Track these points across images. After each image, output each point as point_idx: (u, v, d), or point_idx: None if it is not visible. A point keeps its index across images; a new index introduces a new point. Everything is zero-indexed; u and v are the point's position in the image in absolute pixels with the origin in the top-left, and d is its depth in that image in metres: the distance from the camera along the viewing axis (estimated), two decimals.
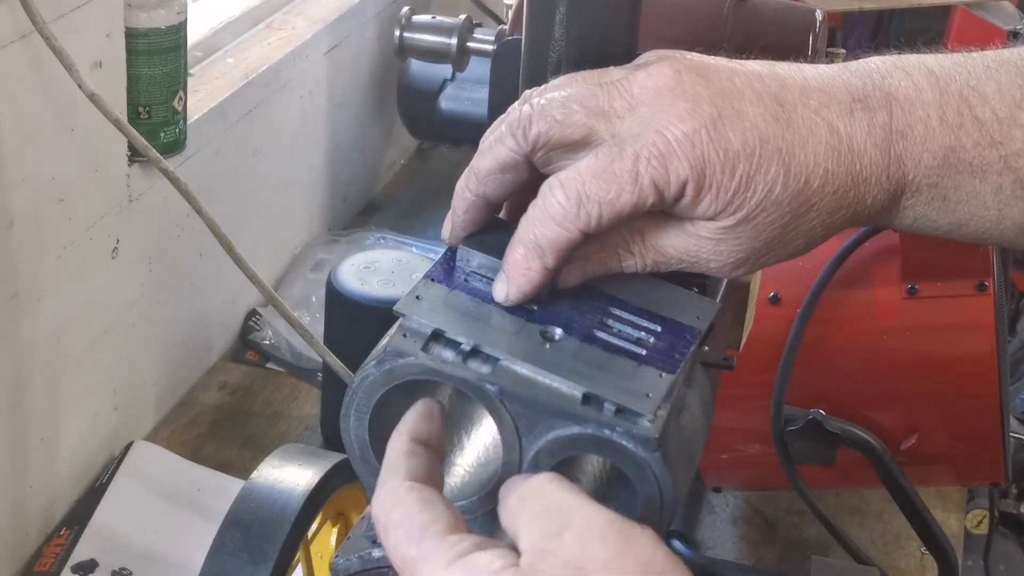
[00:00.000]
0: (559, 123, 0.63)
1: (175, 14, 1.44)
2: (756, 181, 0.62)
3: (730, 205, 0.62)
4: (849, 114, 0.64)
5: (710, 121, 0.62)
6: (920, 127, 0.64)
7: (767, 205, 0.63)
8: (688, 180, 0.62)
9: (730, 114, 0.62)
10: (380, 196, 2.27)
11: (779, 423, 1.29)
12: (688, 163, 0.62)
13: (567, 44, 0.67)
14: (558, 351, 0.61)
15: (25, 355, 1.36)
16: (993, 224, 0.66)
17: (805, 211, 0.64)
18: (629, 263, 0.66)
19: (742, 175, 0.62)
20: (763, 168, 0.62)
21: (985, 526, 1.77)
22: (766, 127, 0.63)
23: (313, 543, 1.04)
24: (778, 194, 0.63)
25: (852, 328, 1.34)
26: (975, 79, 0.65)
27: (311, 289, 1.87)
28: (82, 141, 1.37)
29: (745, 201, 0.62)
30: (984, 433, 1.33)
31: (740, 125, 0.62)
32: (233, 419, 1.69)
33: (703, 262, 0.65)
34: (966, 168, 0.64)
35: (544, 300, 0.64)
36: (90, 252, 1.44)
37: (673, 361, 0.62)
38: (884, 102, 0.65)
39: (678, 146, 0.62)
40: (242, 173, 1.77)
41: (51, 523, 1.47)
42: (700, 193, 0.62)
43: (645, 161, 0.62)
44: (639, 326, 0.64)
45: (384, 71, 2.17)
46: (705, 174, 0.62)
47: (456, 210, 0.67)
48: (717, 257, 0.65)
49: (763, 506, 1.58)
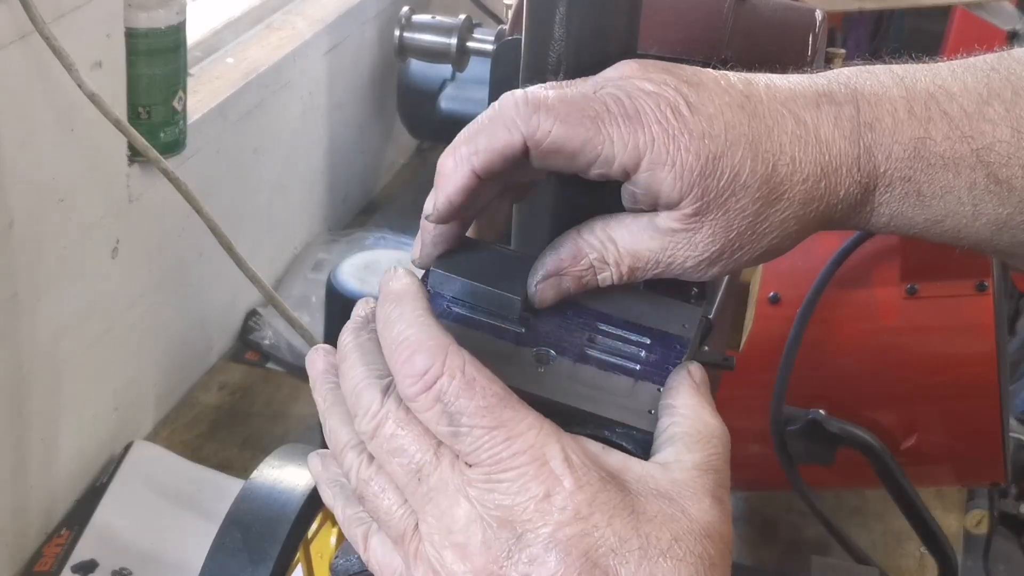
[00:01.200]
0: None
1: (175, 14, 1.44)
2: (722, 163, 0.61)
3: (695, 187, 0.62)
4: (815, 107, 0.64)
5: (675, 103, 0.62)
6: (888, 119, 0.64)
7: (736, 189, 0.62)
8: (643, 154, 0.61)
9: (695, 100, 0.62)
10: (380, 196, 2.27)
11: (779, 423, 1.29)
12: (649, 133, 0.61)
13: (567, 44, 0.67)
14: (554, 374, 0.61)
15: (25, 355, 1.36)
16: (969, 220, 0.66)
17: (775, 199, 0.63)
18: (605, 275, 0.65)
19: (708, 155, 0.61)
20: (730, 151, 0.62)
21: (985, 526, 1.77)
22: (731, 115, 0.62)
23: (313, 543, 1.04)
24: (746, 178, 0.62)
25: (852, 328, 1.34)
26: (940, 79, 0.66)
27: (311, 289, 1.87)
28: (82, 141, 1.37)
29: (711, 185, 0.62)
30: (984, 433, 1.33)
31: (705, 111, 0.62)
32: (233, 419, 1.69)
33: (679, 262, 0.64)
34: (938, 161, 0.64)
35: (530, 321, 0.64)
36: (90, 252, 1.44)
37: (668, 373, 0.62)
38: (850, 97, 0.65)
39: (643, 104, 0.61)
40: (242, 173, 1.77)
41: (51, 523, 1.47)
42: (658, 171, 0.61)
43: (612, 112, 0.61)
44: (628, 340, 0.64)
45: (384, 71, 2.17)
46: (664, 150, 0.61)
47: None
48: (691, 252, 0.63)
49: (763, 506, 1.58)
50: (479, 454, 0.55)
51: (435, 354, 0.56)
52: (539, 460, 0.54)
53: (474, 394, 0.55)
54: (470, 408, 0.55)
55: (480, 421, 0.55)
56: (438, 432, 0.55)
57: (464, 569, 0.54)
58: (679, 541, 0.54)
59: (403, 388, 0.56)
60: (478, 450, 0.55)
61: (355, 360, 0.60)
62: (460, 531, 0.55)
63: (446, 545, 0.55)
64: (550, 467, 0.54)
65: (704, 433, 0.58)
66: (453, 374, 0.55)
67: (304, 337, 1.46)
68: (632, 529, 0.54)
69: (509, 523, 0.54)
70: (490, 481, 0.54)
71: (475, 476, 0.55)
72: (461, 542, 0.55)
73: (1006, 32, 2.44)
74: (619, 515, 0.54)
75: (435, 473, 0.55)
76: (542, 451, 0.55)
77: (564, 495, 0.54)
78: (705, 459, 0.57)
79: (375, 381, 0.58)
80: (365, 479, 0.58)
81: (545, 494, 0.54)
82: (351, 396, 0.59)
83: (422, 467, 0.56)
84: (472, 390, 0.55)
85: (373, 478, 0.58)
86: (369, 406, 0.58)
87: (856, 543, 1.38)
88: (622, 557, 0.53)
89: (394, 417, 0.57)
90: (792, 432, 1.30)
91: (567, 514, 0.54)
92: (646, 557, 0.53)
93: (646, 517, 0.54)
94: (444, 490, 0.55)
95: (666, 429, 0.59)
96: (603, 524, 0.54)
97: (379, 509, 0.58)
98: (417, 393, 0.55)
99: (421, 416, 0.56)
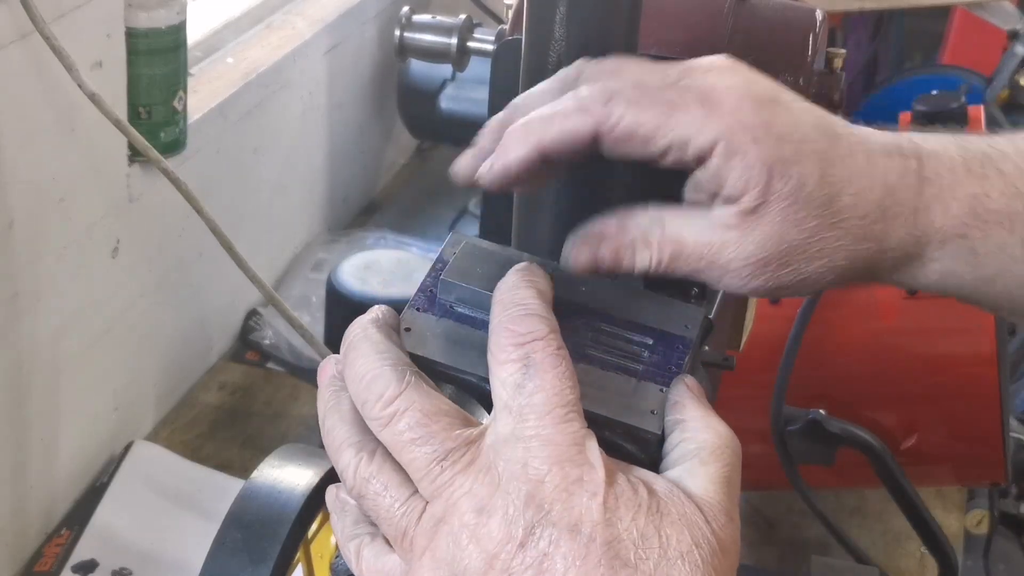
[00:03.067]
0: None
1: (175, 14, 1.44)
2: (792, 169, 0.62)
3: (760, 184, 0.62)
4: (886, 154, 0.65)
5: (759, 100, 0.62)
6: (947, 175, 0.65)
7: (798, 199, 0.62)
8: (719, 140, 0.61)
9: (779, 107, 0.63)
10: (380, 196, 2.27)
11: (779, 423, 1.29)
12: (726, 121, 0.61)
13: (567, 44, 0.67)
14: None
15: (25, 355, 1.36)
16: (1021, 280, 0.66)
17: (832, 224, 0.63)
18: (644, 257, 0.64)
19: (780, 157, 0.61)
20: (802, 160, 0.62)
21: (985, 526, 1.77)
22: (810, 130, 0.63)
23: (313, 543, 1.04)
24: (810, 191, 0.62)
25: (852, 328, 1.34)
26: (993, 141, 0.67)
27: (311, 289, 1.87)
28: (82, 141, 1.37)
29: (776, 187, 0.62)
30: (984, 433, 1.33)
31: (787, 118, 0.62)
32: (233, 419, 1.69)
33: (722, 262, 0.63)
34: (993, 218, 0.65)
35: None
36: (90, 252, 1.44)
37: (670, 374, 0.62)
38: (915, 151, 0.65)
39: (724, 97, 0.62)
40: (242, 173, 1.77)
41: (51, 523, 1.47)
42: (730, 159, 0.61)
43: (688, 99, 0.61)
44: (631, 340, 0.64)
45: (384, 71, 2.17)
46: (740, 141, 0.61)
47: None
48: (738, 254, 0.63)
49: (763, 506, 1.58)
50: (527, 426, 0.56)
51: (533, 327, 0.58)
52: (579, 445, 0.55)
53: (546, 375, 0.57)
54: (541, 385, 0.57)
55: (540, 398, 0.56)
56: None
57: (478, 550, 0.54)
58: (698, 547, 0.55)
59: (498, 348, 0.58)
60: (527, 421, 0.56)
61: (366, 349, 0.60)
62: (482, 511, 0.55)
63: (465, 524, 0.55)
64: (587, 457, 0.55)
65: (718, 444, 0.59)
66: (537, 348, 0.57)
67: (304, 337, 1.46)
68: (655, 528, 0.55)
69: (536, 500, 0.54)
70: (529, 455, 0.55)
71: (517, 454, 0.55)
72: (481, 523, 0.55)
73: (1006, 32, 2.44)
74: (643, 513, 0.55)
75: (468, 454, 0.56)
76: (583, 443, 0.56)
77: (597, 482, 0.55)
78: (719, 472, 0.58)
79: (389, 368, 0.58)
80: (365, 477, 0.58)
81: (578, 478, 0.55)
82: (360, 383, 0.58)
83: (448, 454, 0.56)
84: (546, 371, 0.57)
85: (375, 475, 0.58)
86: (383, 391, 0.57)
87: (856, 543, 1.38)
88: (643, 552, 0.54)
89: (420, 405, 0.57)
90: (792, 432, 1.30)
91: (596, 500, 0.54)
92: (665, 557, 0.54)
93: (669, 519, 0.55)
94: (472, 471, 0.56)
95: (678, 444, 0.59)
96: (627, 518, 0.54)
97: (379, 507, 0.57)
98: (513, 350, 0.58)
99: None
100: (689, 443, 0.59)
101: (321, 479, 0.98)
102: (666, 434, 0.60)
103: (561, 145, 0.62)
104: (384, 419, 0.57)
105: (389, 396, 0.57)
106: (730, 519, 0.57)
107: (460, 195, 2.20)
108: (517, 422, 0.56)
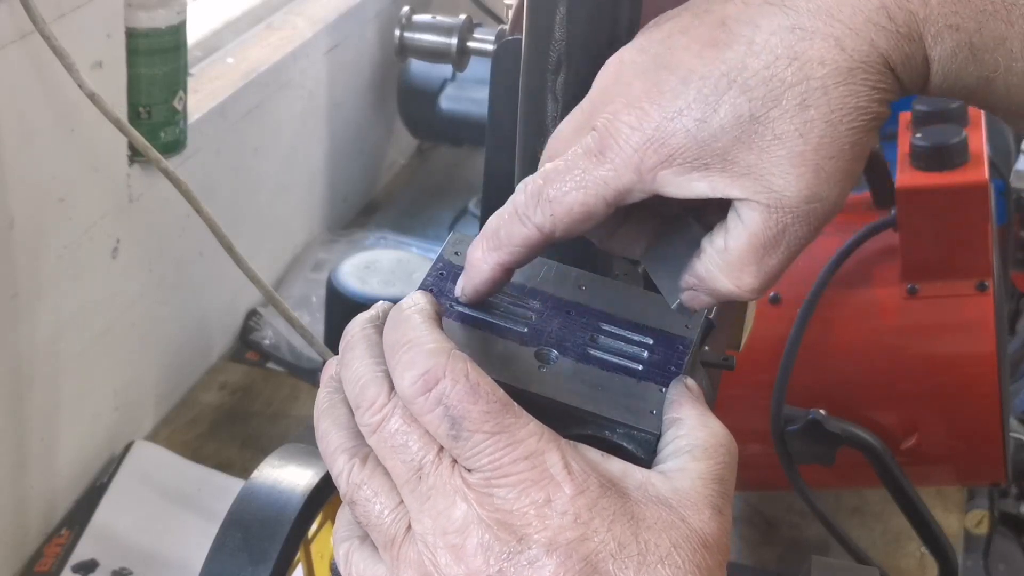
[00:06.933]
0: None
1: (175, 14, 1.44)
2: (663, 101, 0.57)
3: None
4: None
5: (636, 95, 0.58)
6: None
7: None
8: (630, 164, 0.58)
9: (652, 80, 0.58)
10: (380, 196, 2.27)
11: (779, 423, 1.29)
12: (624, 148, 0.58)
13: (567, 44, 0.67)
14: (556, 374, 0.61)
15: (25, 355, 1.36)
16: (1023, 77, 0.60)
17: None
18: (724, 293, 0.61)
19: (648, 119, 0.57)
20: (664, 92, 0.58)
21: (985, 526, 1.76)
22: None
23: (313, 543, 1.04)
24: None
25: (852, 328, 1.34)
26: None
27: (311, 289, 1.87)
28: (82, 141, 1.37)
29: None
30: (984, 433, 1.33)
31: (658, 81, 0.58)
32: (233, 419, 1.69)
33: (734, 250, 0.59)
34: (987, 6, 0.58)
35: (532, 320, 0.64)
36: (90, 252, 1.44)
37: (670, 374, 0.62)
38: None
39: (619, 127, 0.58)
40: (242, 173, 1.77)
41: (51, 523, 1.47)
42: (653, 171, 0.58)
43: (592, 154, 0.59)
44: (631, 340, 0.64)
45: (384, 71, 2.17)
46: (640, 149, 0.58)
47: None
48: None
49: (763, 506, 1.58)
50: (479, 459, 0.54)
51: (436, 356, 0.55)
52: (540, 466, 0.54)
53: (477, 399, 0.55)
54: (472, 413, 0.55)
55: (482, 426, 0.54)
56: (438, 435, 0.55)
57: (459, 571, 0.54)
58: (678, 549, 0.54)
59: (403, 389, 0.56)
60: (479, 455, 0.54)
61: (362, 351, 0.59)
62: (457, 532, 0.54)
63: (440, 546, 0.55)
64: (550, 473, 0.54)
65: (712, 443, 0.58)
66: (456, 378, 0.55)
67: (304, 337, 1.46)
68: (631, 535, 0.54)
69: (509, 526, 0.54)
70: (490, 486, 0.54)
71: (475, 480, 0.54)
72: (457, 543, 0.54)
73: None
74: (619, 521, 0.54)
75: (435, 473, 0.55)
76: (542, 457, 0.55)
77: (565, 500, 0.54)
78: (710, 469, 0.57)
79: (382, 375, 0.58)
80: (357, 483, 0.58)
81: (546, 499, 0.54)
82: (355, 387, 0.58)
83: (423, 465, 0.55)
84: (475, 395, 0.55)
85: (366, 482, 0.57)
86: (375, 399, 0.57)
87: (856, 543, 1.38)
88: (621, 562, 0.53)
89: (401, 413, 0.56)
90: (792, 432, 1.30)
91: (568, 519, 0.54)
92: (644, 563, 0.54)
93: (645, 524, 0.54)
94: (443, 490, 0.55)
95: (672, 441, 0.59)
96: (603, 529, 0.54)
97: (370, 514, 0.57)
98: (417, 394, 0.55)
99: (422, 419, 0.56)
100: (683, 440, 0.58)
101: (321, 479, 0.98)
102: (662, 432, 0.60)
103: (518, 256, 0.61)
104: (373, 425, 0.57)
105: (379, 403, 0.57)
106: (717, 513, 0.56)
107: (460, 195, 2.20)
108: (470, 465, 0.55)
